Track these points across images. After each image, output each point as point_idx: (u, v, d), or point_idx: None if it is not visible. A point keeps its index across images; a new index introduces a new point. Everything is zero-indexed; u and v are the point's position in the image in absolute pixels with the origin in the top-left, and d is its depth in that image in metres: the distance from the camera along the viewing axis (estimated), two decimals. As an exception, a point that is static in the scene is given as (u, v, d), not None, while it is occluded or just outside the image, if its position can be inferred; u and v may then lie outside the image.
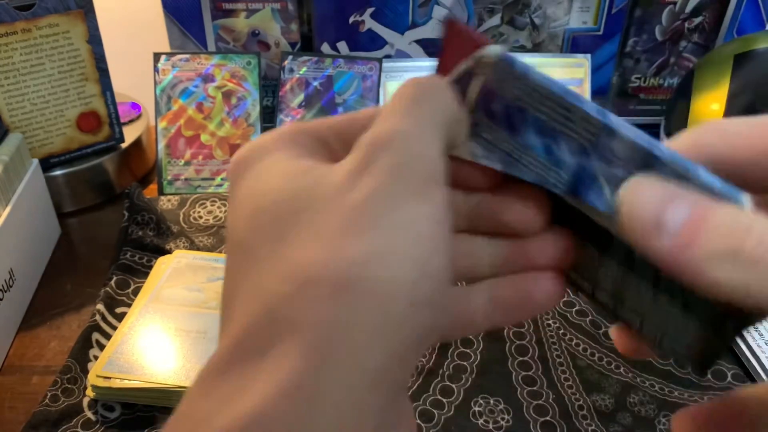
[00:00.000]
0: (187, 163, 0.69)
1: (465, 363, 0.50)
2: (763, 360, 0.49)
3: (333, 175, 0.20)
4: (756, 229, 0.17)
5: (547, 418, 0.46)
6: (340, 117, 0.24)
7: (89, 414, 0.46)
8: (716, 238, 0.18)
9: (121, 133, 0.69)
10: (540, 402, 0.48)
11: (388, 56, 0.72)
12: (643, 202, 0.19)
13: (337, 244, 0.18)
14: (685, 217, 0.18)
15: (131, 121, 0.73)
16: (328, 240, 0.19)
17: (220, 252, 0.60)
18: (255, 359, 0.18)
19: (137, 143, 0.72)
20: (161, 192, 0.69)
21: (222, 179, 0.69)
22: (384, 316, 0.18)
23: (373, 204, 0.19)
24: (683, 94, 0.63)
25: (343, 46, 0.72)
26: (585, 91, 0.71)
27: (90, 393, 0.46)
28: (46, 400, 0.46)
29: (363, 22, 0.71)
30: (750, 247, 0.17)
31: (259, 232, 0.20)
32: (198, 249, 0.60)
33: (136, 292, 0.55)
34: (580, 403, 0.47)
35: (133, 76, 0.73)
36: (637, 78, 0.77)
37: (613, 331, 0.26)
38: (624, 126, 0.21)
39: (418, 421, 0.46)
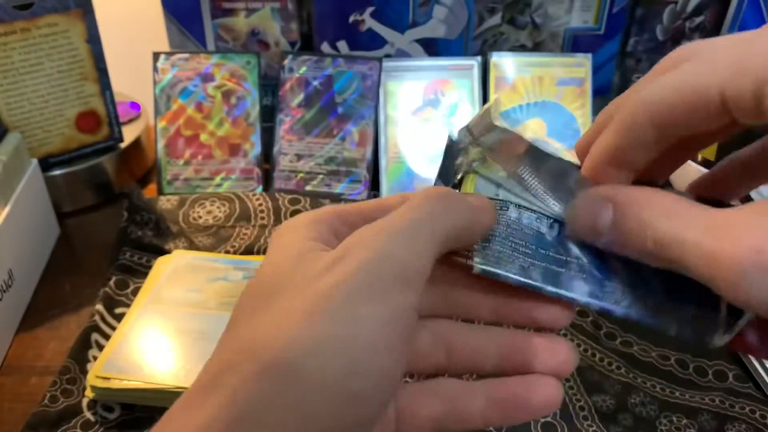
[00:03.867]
0: (187, 163, 0.69)
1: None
2: (764, 360, 0.49)
3: (318, 261, 0.22)
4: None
5: (548, 418, 0.46)
6: (370, 203, 0.26)
7: (88, 414, 0.46)
8: (631, 226, 0.23)
9: (120, 132, 0.69)
10: (541, 403, 0.47)
11: (388, 56, 0.72)
12: (581, 220, 0.25)
13: (286, 327, 0.20)
14: (610, 219, 0.24)
15: (130, 121, 0.73)
16: (282, 322, 0.21)
17: (220, 252, 0.59)
18: (205, 397, 0.20)
19: (136, 143, 0.71)
20: (160, 192, 0.68)
21: (221, 179, 0.69)
22: (301, 403, 0.19)
23: (332, 296, 0.21)
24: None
25: (343, 45, 0.72)
26: (586, 91, 0.71)
27: (89, 393, 0.46)
28: (45, 401, 0.46)
29: (363, 21, 0.71)
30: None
31: (247, 300, 0.23)
32: (197, 249, 0.60)
33: (135, 292, 0.55)
34: (581, 403, 0.47)
35: (132, 76, 0.73)
36: (638, 77, 0.77)
37: None
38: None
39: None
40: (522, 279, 0.25)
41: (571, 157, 0.27)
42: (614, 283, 0.25)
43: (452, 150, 0.28)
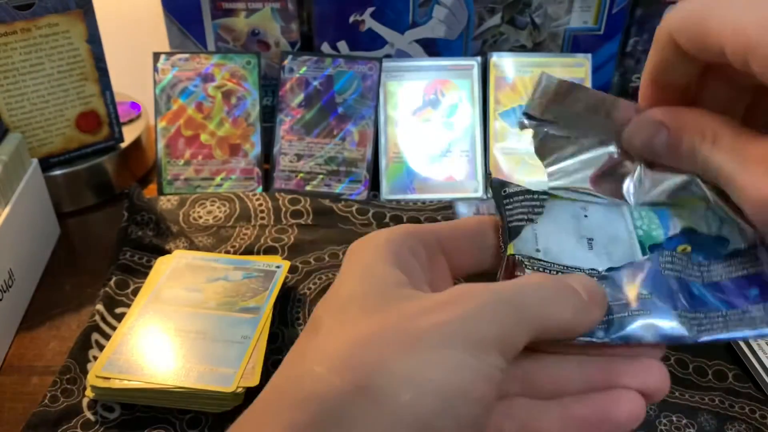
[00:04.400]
0: (187, 163, 0.69)
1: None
2: (764, 360, 0.49)
3: (420, 300, 0.23)
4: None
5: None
6: (445, 225, 0.27)
7: (89, 414, 0.46)
8: (683, 150, 0.25)
9: (120, 132, 0.69)
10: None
11: (388, 56, 0.72)
12: (639, 143, 0.27)
13: (381, 354, 0.21)
14: (665, 140, 0.26)
15: (131, 121, 0.73)
16: (377, 347, 0.21)
17: (220, 252, 0.59)
18: (283, 404, 0.21)
19: (137, 143, 0.72)
20: (161, 192, 0.68)
21: (222, 179, 0.69)
22: (386, 429, 0.20)
23: (432, 337, 0.21)
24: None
25: (343, 45, 0.72)
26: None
27: (89, 393, 0.46)
28: (46, 401, 0.46)
29: (363, 21, 0.71)
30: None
31: (328, 312, 0.24)
32: (198, 249, 0.60)
33: (135, 292, 0.55)
34: (581, 403, 0.47)
35: (132, 76, 0.73)
36: (638, 78, 0.77)
37: None
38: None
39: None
40: (584, 338, 0.24)
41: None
42: (680, 310, 0.25)
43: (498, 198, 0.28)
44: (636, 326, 0.25)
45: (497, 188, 0.28)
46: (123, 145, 0.70)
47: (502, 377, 0.22)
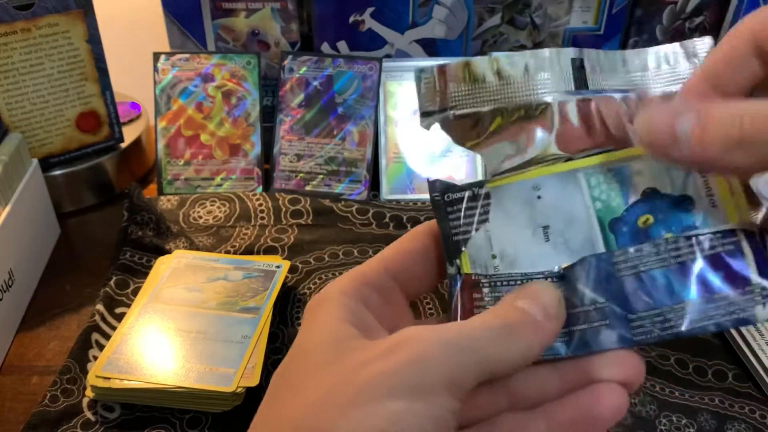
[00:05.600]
0: (187, 163, 0.69)
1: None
2: (764, 360, 0.49)
3: (364, 350, 0.23)
4: (747, 113, 0.21)
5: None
6: (391, 253, 0.27)
7: (89, 414, 0.46)
8: (721, 133, 0.21)
9: (120, 132, 0.69)
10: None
11: (388, 56, 0.72)
12: (655, 125, 0.23)
13: (328, 415, 0.21)
14: (692, 125, 0.21)
15: (131, 121, 0.73)
16: (324, 409, 0.21)
17: (220, 252, 0.59)
18: None
19: (137, 143, 0.72)
20: (161, 192, 0.68)
21: (222, 179, 0.69)
22: None
23: (376, 387, 0.21)
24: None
25: (343, 45, 0.72)
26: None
27: (89, 393, 0.46)
28: (46, 401, 0.46)
29: (363, 21, 0.71)
30: (746, 132, 0.20)
31: (285, 377, 0.24)
32: (198, 249, 0.60)
33: (135, 292, 0.55)
34: (581, 403, 0.47)
35: (132, 76, 0.73)
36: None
37: None
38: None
39: None
40: (548, 355, 0.24)
41: None
42: (640, 312, 0.24)
43: (440, 207, 0.27)
44: (597, 338, 0.24)
45: (438, 197, 0.27)
46: (123, 145, 0.70)
47: (454, 418, 0.21)
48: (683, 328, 0.24)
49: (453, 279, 0.26)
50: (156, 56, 0.69)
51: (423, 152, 0.69)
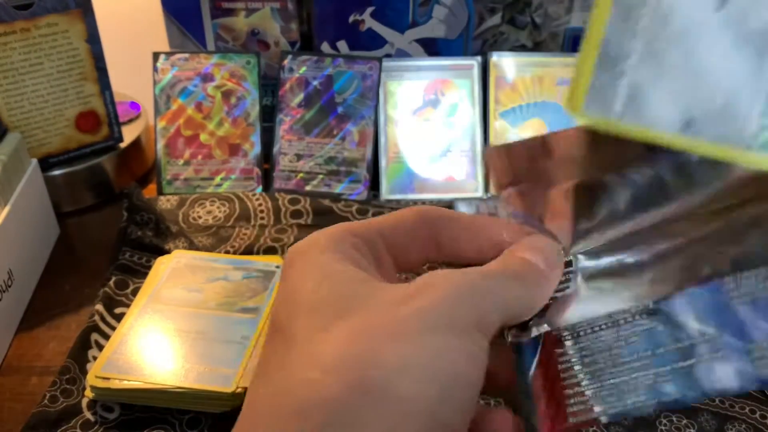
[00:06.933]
0: (187, 163, 0.69)
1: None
2: (765, 360, 0.49)
3: (392, 291, 0.22)
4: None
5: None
6: (386, 221, 0.26)
7: (88, 415, 0.46)
8: None
9: (120, 132, 0.69)
10: (540, 403, 0.47)
11: (388, 55, 0.72)
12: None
13: (371, 347, 0.20)
14: None
15: (130, 121, 0.73)
16: (365, 342, 0.20)
17: (220, 252, 0.59)
18: (282, 419, 0.20)
19: (136, 143, 0.71)
20: (160, 192, 0.68)
21: (221, 179, 0.69)
22: (390, 423, 0.19)
23: (416, 323, 0.21)
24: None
25: (343, 45, 0.72)
26: (585, 91, 0.71)
27: (89, 394, 0.46)
28: (45, 401, 0.46)
29: (363, 21, 0.71)
30: None
31: (298, 319, 0.22)
32: (197, 249, 0.60)
33: (135, 292, 0.55)
34: (581, 403, 0.47)
35: (132, 76, 0.73)
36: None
37: None
38: None
39: None
40: (656, 402, 0.21)
41: None
42: (761, 339, 0.20)
43: None
44: (711, 375, 0.21)
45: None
46: (122, 145, 0.70)
47: (486, 356, 0.22)
48: None
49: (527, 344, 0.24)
50: (155, 56, 0.69)
51: (423, 152, 0.69)
